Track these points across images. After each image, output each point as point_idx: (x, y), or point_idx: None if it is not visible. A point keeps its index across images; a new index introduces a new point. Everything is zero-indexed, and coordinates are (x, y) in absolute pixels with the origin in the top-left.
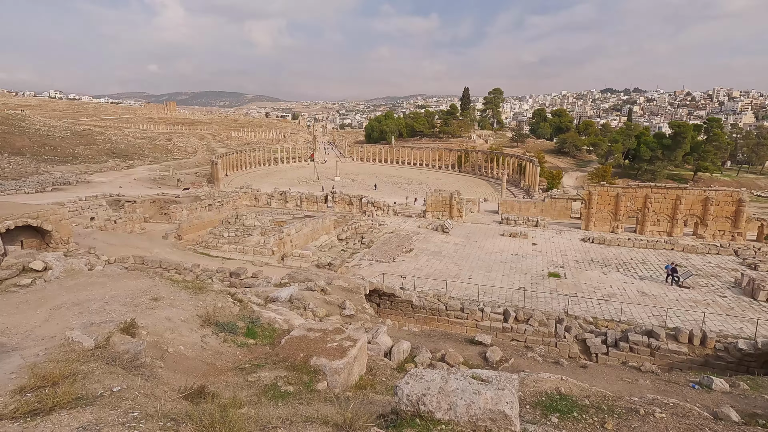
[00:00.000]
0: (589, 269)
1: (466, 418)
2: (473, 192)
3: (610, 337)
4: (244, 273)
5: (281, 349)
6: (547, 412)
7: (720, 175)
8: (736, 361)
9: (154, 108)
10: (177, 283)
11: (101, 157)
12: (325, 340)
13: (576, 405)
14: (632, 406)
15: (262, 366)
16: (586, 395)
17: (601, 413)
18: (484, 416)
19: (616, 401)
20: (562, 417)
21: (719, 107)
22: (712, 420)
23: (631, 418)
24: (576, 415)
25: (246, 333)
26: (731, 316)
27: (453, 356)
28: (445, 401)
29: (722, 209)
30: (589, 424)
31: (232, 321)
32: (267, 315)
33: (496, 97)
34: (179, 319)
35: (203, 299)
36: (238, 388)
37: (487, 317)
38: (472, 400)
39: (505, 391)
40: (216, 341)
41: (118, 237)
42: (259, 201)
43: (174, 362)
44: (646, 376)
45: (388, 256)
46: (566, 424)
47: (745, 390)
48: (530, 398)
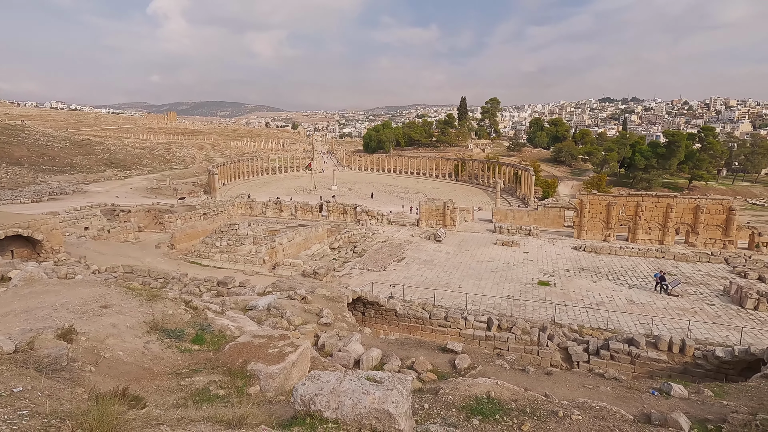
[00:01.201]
0: (579, 278)
1: (352, 416)
2: (469, 201)
3: (592, 345)
4: (232, 282)
5: (222, 355)
6: (471, 414)
7: (715, 183)
8: (715, 369)
9: (155, 118)
10: (131, 291)
11: (99, 167)
12: (267, 346)
13: (501, 408)
14: (554, 409)
15: (200, 371)
16: (514, 399)
17: (523, 416)
18: (369, 415)
19: (542, 404)
20: (483, 419)
21: (716, 116)
22: (630, 422)
23: (549, 421)
24: (498, 418)
25: (193, 339)
26: (718, 324)
27: (422, 364)
28: (335, 401)
29: (713, 217)
30: (508, 426)
31: (181, 328)
32: (220, 322)
33: (494, 106)
34: (125, 326)
35: (155, 307)
36: (168, 392)
37: (471, 326)
38: (359, 400)
39: (394, 391)
40: (159, 347)
41: (111, 246)
42: (254, 210)
43: (108, 367)
44: (608, 382)
45: (379, 265)
46: (486, 426)
47: (708, 396)
48: (459, 402)
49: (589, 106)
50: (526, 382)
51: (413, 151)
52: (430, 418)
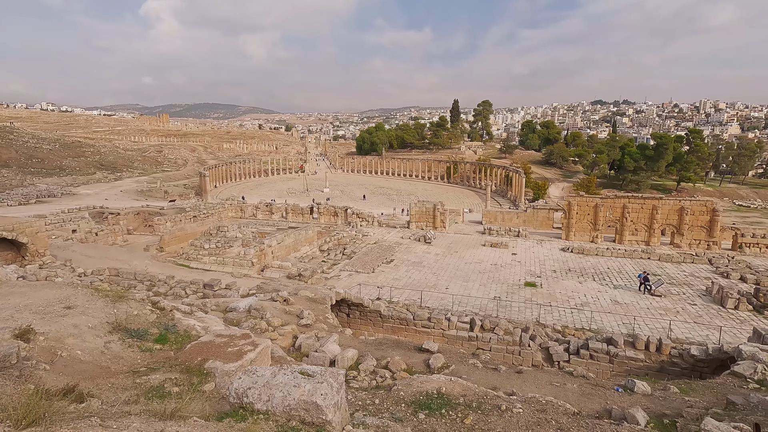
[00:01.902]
0: (566, 279)
1: (282, 408)
2: (461, 202)
3: (573, 345)
4: (218, 284)
5: (183, 354)
6: (419, 409)
7: (703, 185)
8: (690, 367)
9: (147, 120)
10: (98, 292)
11: (89, 169)
12: (228, 345)
13: (449, 403)
14: (498, 403)
15: (157, 369)
16: (464, 394)
17: (468, 410)
18: (298, 406)
19: (489, 399)
20: (430, 413)
21: (706, 119)
22: (570, 415)
23: (491, 414)
24: (443, 412)
25: (156, 339)
26: (699, 324)
27: (396, 363)
28: (266, 393)
29: (697, 219)
30: (452, 420)
31: (144, 328)
32: (186, 322)
33: (486, 109)
34: (87, 326)
35: (120, 307)
36: (122, 389)
37: (454, 326)
38: (289, 392)
39: (324, 384)
40: (120, 346)
41: (98, 249)
42: (245, 212)
43: (64, 365)
44: (576, 380)
45: (368, 267)
46: (431, 420)
47: (673, 393)
48: (410, 397)
49: (581, 108)
50: (497, 380)
51: (406, 154)
52: (379, 412)
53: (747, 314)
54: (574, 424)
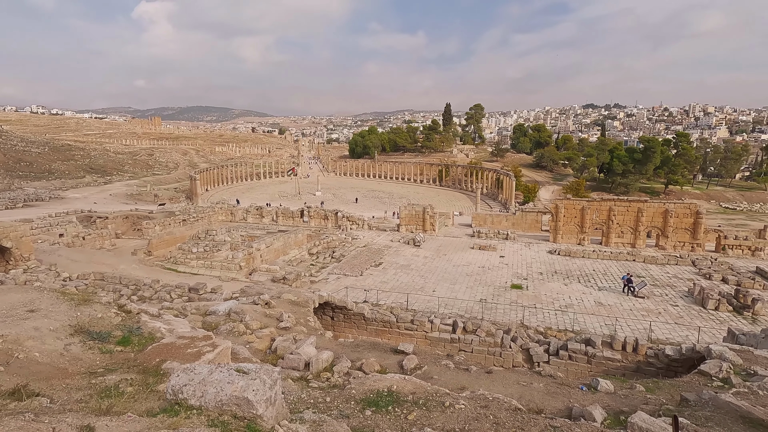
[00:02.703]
0: (552, 281)
1: (214, 403)
2: (452, 205)
3: (553, 346)
4: (204, 288)
5: (142, 355)
6: (367, 406)
7: (690, 187)
8: (665, 367)
9: (139, 123)
10: (63, 296)
11: (78, 173)
12: (189, 346)
13: (397, 400)
14: (443, 400)
15: (115, 370)
16: (413, 392)
17: (414, 406)
18: (230, 402)
19: (437, 397)
20: (377, 410)
21: (695, 122)
22: (511, 410)
23: (435, 410)
24: (390, 409)
25: (119, 341)
26: (679, 325)
27: (371, 365)
28: (200, 390)
29: (681, 221)
30: (396, 416)
31: (107, 330)
32: (152, 325)
33: (478, 112)
34: (48, 329)
35: (84, 310)
36: (75, 390)
37: (436, 328)
38: (222, 388)
39: (257, 380)
40: (80, 349)
41: (85, 254)
42: (235, 216)
43: (19, 367)
44: (543, 379)
45: (356, 270)
46: (376, 416)
47: (639, 391)
48: (360, 395)
49: (573, 112)
50: (466, 380)
51: (398, 157)
52: (328, 409)
53: (727, 315)
54: (509, 419)
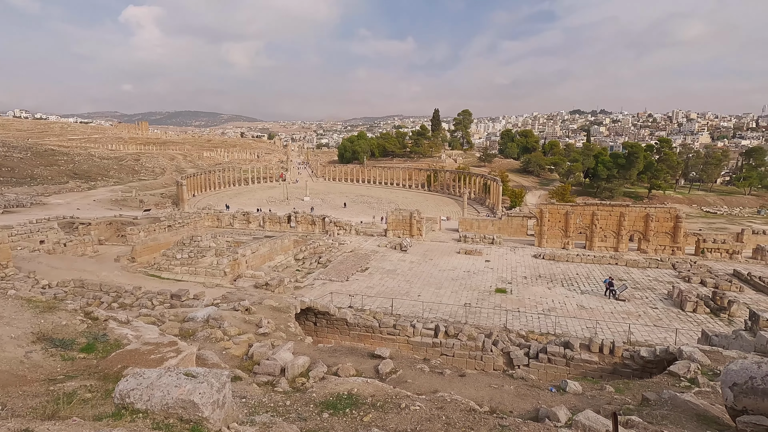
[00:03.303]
0: (536, 285)
1: (160, 407)
2: (440, 210)
3: (533, 349)
4: (186, 295)
5: (105, 362)
6: (325, 409)
7: (673, 192)
8: (640, 368)
9: (125, 128)
10: (28, 303)
11: (61, 178)
12: (153, 352)
13: (355, 403)
14: (399, 402)
15: (75, 377)
16: (373, 394)
17: (371, 408)
18: (176, 405)
19: (395, 399)
20: (334, 413)
21: (678, 128)
22: (466, 411)
23: (390, 411)
24: (347, 411)
25: (83, 348)
26: (658, 327)
27: (346, 369)
28: (147, 394)
29: (662, 225)
30: (353, 418)
31: (72, 337)
32: (119, 332)
33: (466, 118)
34: (9, 336)
35: (48, 318)
36: (32, 396)
37: (419, 333)
38: (169, 392)
39: (204, 384)
40: (42, 356)
41: (66, 261)
42: (222, 222)
43: None
44: (515, 382)
45: (342, 276)
46: (333, 419)
47: (608, 392)
48: (320, 398)
49: (560, 117)
50: (439, 383)
51: (387, 162)
52: (287, 412)
53: (704, 317)
54: (461, 419)
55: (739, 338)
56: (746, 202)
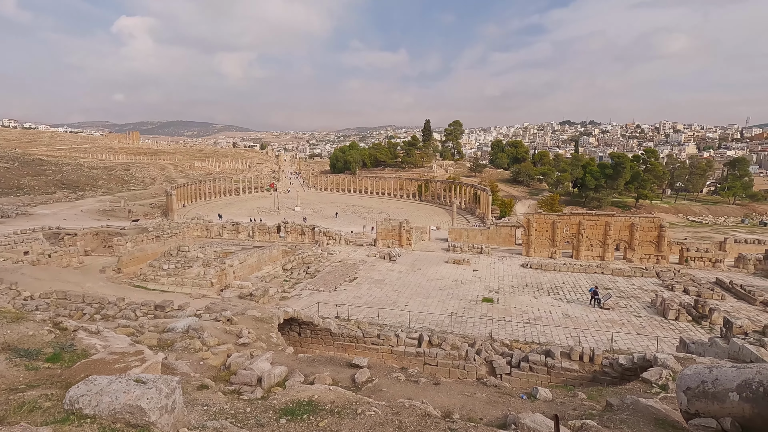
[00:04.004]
0: (522, 294)
1: (107, 412)
2: (430, 220)
3: (515, 358)
4: (170, 305)
5: (69, 371)
6: (284, 415)
7: (660, 202)
8: (619, 375)
9: (116, 138)
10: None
11: (49, 189)
12: (118, 361)
13: (314, 409)
14: (356, 408)
15: (37, 386)
16: (332, 401)
17: (328, 415)
18: (123, 410)
19: (354, 405)
20: (292, 419)
21: (665, 139)
22: (420, 416)
23: (347, 417)
24: (305, 417)
25: (48, 358)
26: (641, 335)
27: (323, 379)
28: (95, 399)
29: (646, 234)
30: (309, 424)
31: (38, 348)
32: (87, 342)
33: (456, 128)
34: None
35: (15, 328)
36: None
37: (402, 343)
38: (117, 398)
39: (152, 389)
40: (5, 366)
41: (50, 272)
42: (211, 232)
43: None
44: (488, 389)
45: (329, 286)
46: (290, 425)
47: (580, 399)
48: (281, 405)
49: (550, 128)
50: (413, 391)
51: (379, 172)
52: (246, 419)
53: (686, 324)
54: (413, 423)
55: (714, 345)
56: (731, 212)
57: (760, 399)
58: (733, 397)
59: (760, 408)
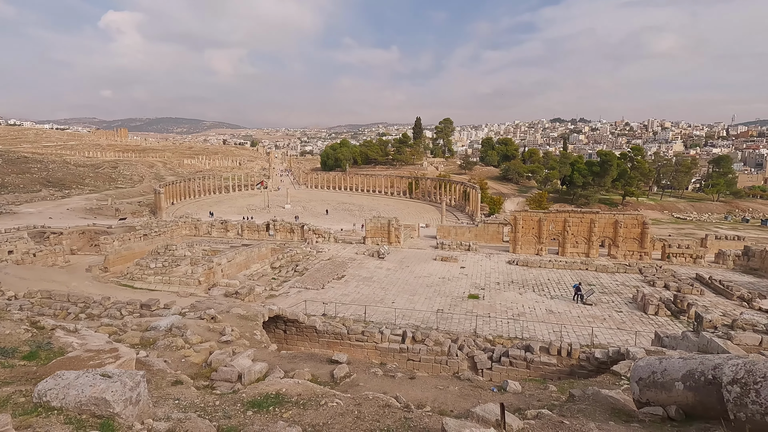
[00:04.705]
0: (507, 290)
1: (74, 404)
2: (420, 217)
3: (496, 353)
4: (156, 304)
5: (44, 369)
6: (251, 407)
7: (646, 199)
8: (595, 369)
9: (104, 134)
10: None
11: (34, 187)
12: (93, 359)
13: (281, 402)
14: (318, 399)
15: (12, 383)
16: (299, 394)
17: (293, 406)
18: (89, 402)
19: (319, 397)
20: (258, 411)
21: (653, 136)
22: (382, 407)
23: (310, 408)
24: (271, 409)
25: (25, 356)
26: (621, 330)
27: (302, 374)
28: (63, 393)
29: (630, 231)
30: (274, 414)
31: (14, 346)
32: (64, 340)
33: (447, 126)
34: None
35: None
36: None
37: (386, 339)
38: (83, 391)
39: (117, 383)
40: None
41: (35, 271)
42: (200, 230)
43: None
44: (461, 383)
45: (317, 284)
46: (255, 416)
47: (550, 391)
48: (249, 398)
49: (541, 126)
50: (389, 386)
51: (370, 169)
52: (214, 411)
53: (665, 319)
54: (372, 413)
55: (686, 339)
56: (714, 209)
57: (702, 388)
58: (678, 386)
59: (701, 396)
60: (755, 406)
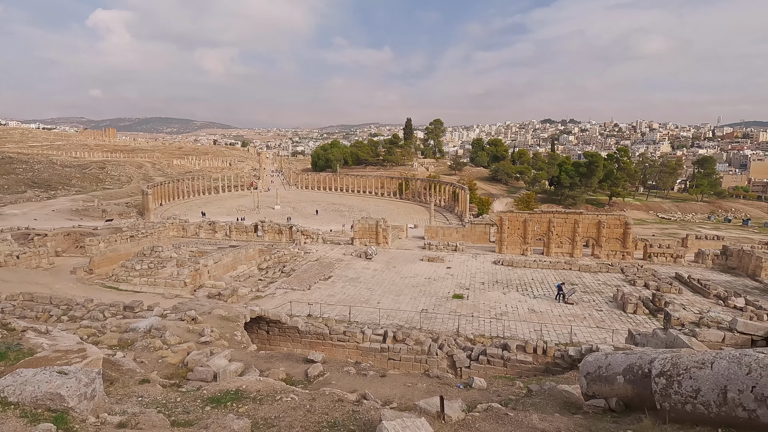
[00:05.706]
0: (492, 290)
1: (30, 399)
2: (410, 218)
3: (475, 352)
4: (139, 306)
5: (11, 369)
6: (209, 403)
7: (632, 199)
8: (569, 366)
9: (92, 134)
10: None
11: (19, 188)
12: (60, 359)
13: (239, 397)
14: (275, 394)
15: None
16: (259, 390)
17: (250, 401)
18: (44, 397)
19: (275, 394)
20: (216, 406)
21: (641, 137)
22: (334, 401)
23: (265, 403)
24: (229, 404)
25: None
26: (600, 328)
27: (277, 374)
28: (20, 389)
29: (612, 231)
30: (231, 409)
31: None
32: (35, 341)
33: (437, 127)
34: None
35: None
36: None
37: (368, 339)
38: (39, 387)
39: (72, 379)
40: None
41: (18, 273)
42: (187, 231)
43: None
44: (429, 380)
45: (304, 284)
46: (213, 411)
47: (518, 387)
48: (209, 395)
49: (531, 126)
50: (360, 384)
51: (360, 170)
52: (174, 407)
53: (643, 317)
54: (323, 406)
55: (655, 336)
56: (698, 209)
57: (639, 381)
58: (619, 379)
59: (638, 388)
60: (677, 396)
